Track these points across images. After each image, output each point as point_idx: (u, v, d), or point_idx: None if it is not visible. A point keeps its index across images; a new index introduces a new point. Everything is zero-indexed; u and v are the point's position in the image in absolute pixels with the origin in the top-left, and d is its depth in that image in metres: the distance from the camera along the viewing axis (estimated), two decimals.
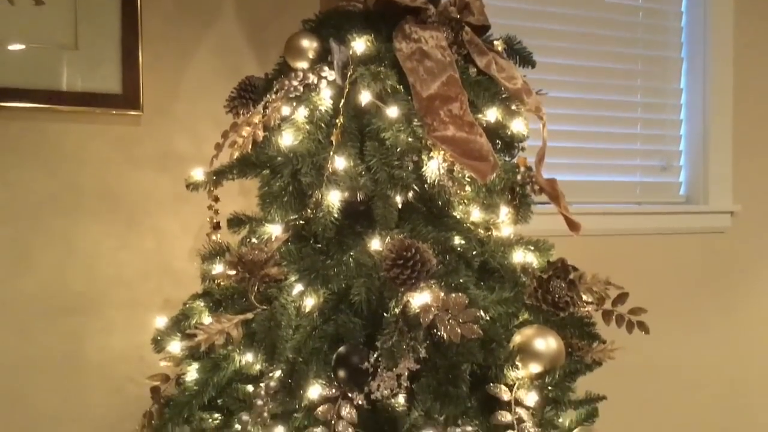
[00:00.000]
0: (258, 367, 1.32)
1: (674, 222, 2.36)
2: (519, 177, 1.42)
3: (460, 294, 1.18)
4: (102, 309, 1.72)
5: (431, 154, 1.30)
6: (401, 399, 1.29)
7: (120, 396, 1.73)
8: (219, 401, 1.40)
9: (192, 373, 1.38)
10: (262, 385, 1.22)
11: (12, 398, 1.66)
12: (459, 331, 1.14)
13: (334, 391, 1.23)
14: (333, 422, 1.21)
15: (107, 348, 1.73)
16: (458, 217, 1.41)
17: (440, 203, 1.39)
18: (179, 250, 1.78)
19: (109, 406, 1.73)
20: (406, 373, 1.19)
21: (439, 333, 1.20)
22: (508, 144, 1.47)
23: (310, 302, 1.30)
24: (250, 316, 1.24)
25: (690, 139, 2.43)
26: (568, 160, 2.26)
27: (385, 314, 1.25)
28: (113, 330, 1.73)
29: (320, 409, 1.21)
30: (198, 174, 1.45)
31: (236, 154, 1.35)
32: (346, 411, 1.22)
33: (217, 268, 1.38)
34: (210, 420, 1.44)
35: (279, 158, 1.32)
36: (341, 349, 1.23)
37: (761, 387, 2.50)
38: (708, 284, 2.42)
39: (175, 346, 1.39)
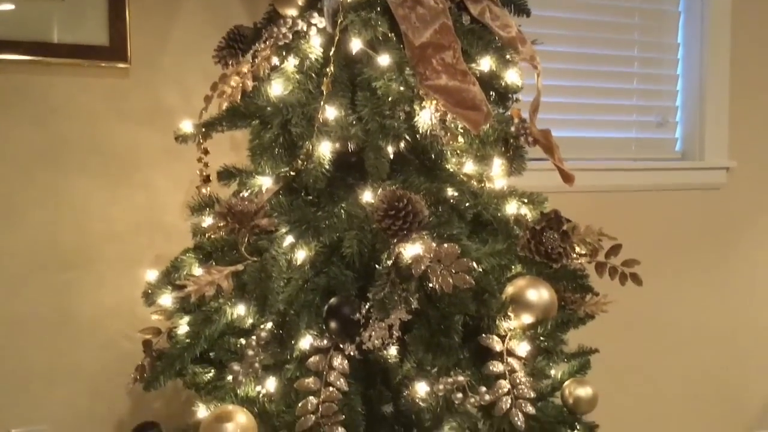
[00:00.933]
0: (250, 321, 1.32)
1: (670, 178, 2.34)
2: (513, 128, 1.40)
3: (452, 244, 1.17)
4: (93, 264, 1.71)
5: (423, 103, 1.28)
6: (393, 351, 1.29)
7: (112, 351, 1.73)
8: (211, 354, 1.40)
9: (183, 326, 1.37)
10: (253, 335, 1.21)
11: (4, 353, 1.65)
12: (451, 281, 1.14)
13: (325, 342, 1.23)
14: (325, 373, 1.21)
15: (99, 303, 1.72)
16: (451, 169, 1.40)
17: (433, 155, 1.38)
18: (170, 205, 1.76)
19: (101, 361, 1.73)
20: (398, 324, 1.18)
21: (431, 284, 1.19)
22: (502, 95, 1.45)
23: (301, 255, 1.29)
24: (240, 267, 1.23)
25: (686, 94, 2.40)
26: (562, 116, 2.23)
27: (377, 266, 1.24)
28: (104, 285, 1.72)
29: (312, 359, 1.21)
30: (187, 126, 1.43)
31: (225, 105, 1.33)
32: (338, 362, 1.21)
33: (207, 220, 1.37)
34: (202, 373, 1.45)
35: (269, 108, 1.30)
36: (332, 300, 1.23)
37: (754, 341, 2.52)
38: (703, 240, 2.42)
39: (166, 300, 1.39)
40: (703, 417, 2.46)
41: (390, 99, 1.26)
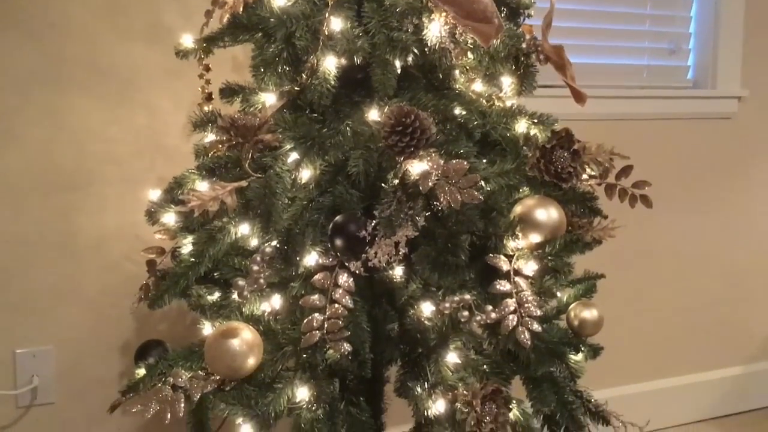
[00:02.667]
0: (254, 242, 1.30)
1: (681, 107, 2.29)
2: (524, 45, 1.35)
3: (460, 160, 1.14)
4: (94, 186, 1.69)
5: (432, 15, 1.23)
6: (399, 271, 1.28)
7: (116, 274, 1.72)
8: (216, 275, 1.39)
9: (187, 245, 1.36)
10: (258, 252, 1.20)
11: (8, 276, 1.65)
12: (459, 197, 1.11)
13: (331, 260, 1.22)
14: (330, 290, 1.20)
15: (101, 226, 1.71)
16: (459, 87, 1.36)
17: (441, 73, 1.34)
18: (172, 126, 1.73)
19: (105, 284, 1.72)
20: (404, 241, 1.16)
21: (438, 202, 1.17)
22: (513, 11, 1.40)
23: (306, 174, 1.27)
24: (244, 184, 1.21)
25: (700, 20, 2.33)
26: (573, 41, 2.17)
27: (383, 185, 1.22)
28: (106, 208, 1.71)
29: (317, 277, 1.20)
30: (187, 41, 1.39)
31: (227, 17, 1.28)
32: (344, 279, 1.20)
33: (210, 137, 1.34)
34: (207, 294, 1.44)
35: (272, 20, 1.25)
36: (338, 217, 1.21)
37: (759, 274, 2.51)
38: (712, 171, 2.39)
39: (169, 218, 1.37)
40: (704, 348, 2.47)
41: (398, 10, 1.22)
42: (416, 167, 1.15)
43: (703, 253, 2.43)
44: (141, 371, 1.34)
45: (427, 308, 1.25)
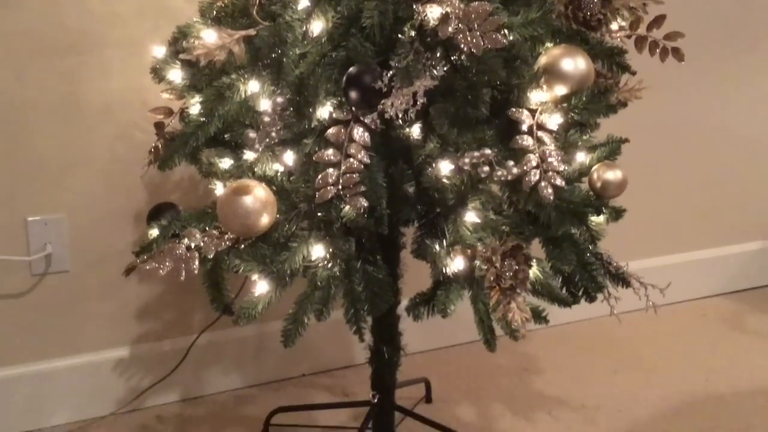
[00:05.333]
0: (265, 103, 1.25)
1: None
2: None
3: (482, 2, 1.06)
4: (98, 48, 1.62)
5: None
6: (416, 129, 1.23)
7: (125, 141, 1.68)
8: (226, 137, 1.34)
9: (196, 105, 1.30)
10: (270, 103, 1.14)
11: (15, 141, 1.61)
12: (482, 41, 1.04)
13: (345, 114, 1.17)
14: (345, 145, 1.15)
15: (107, 91, 1.65)
16: None
17: None
18: None
19: (114, 152, 1.68)
20: (422, 91, 1.10)
21: (458, 51, 1.11)
22: None
23: (317, 26, 1.20)
24: (252, 32, 1.14)
25: None
26: None
27: (400, 37, 1.15)
28: (111, 72, 1.65)
29: (331, 131, 1.15)
30: None
31: None
32: (359, 133, 1.15)
33: None
34: (218, 161, 1.40)
35: None
36: (352, 68, 1.14)
37: None
38: (742, 39, 2.28)
39: (176, 75, 1.31)
40: (724, 223, 2.45)
41: None
42: (435, 11, 1.08)
43: (726, 126, 2.36)
44: (154, 232, 1.32)
45: (445, 167, 1.20)
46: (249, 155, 1.25)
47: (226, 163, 1.37)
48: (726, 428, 1.74)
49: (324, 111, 1.16)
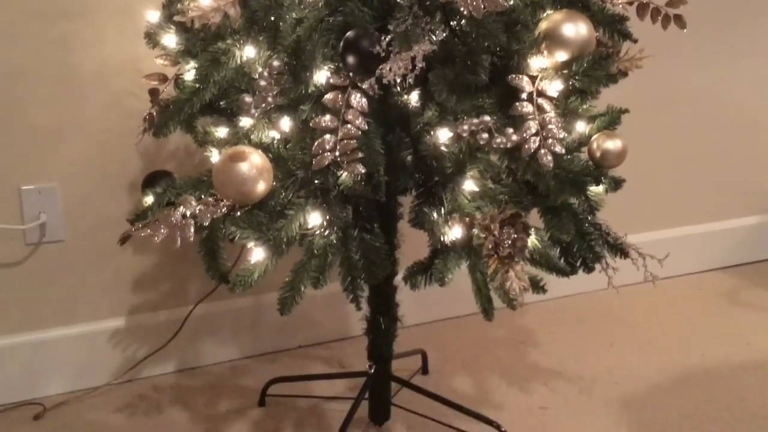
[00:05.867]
0: (261, 69, 1.23)
1: None
2: None
3: None
4: (91, 14, 1.60)
5: None
6: (415, 96, 1.22)
7: (119, 109, 1.66)
8: (222, 104, 1.32)
9: (191, 71, 1.28)
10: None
11: (7, 111, 1.59)
12: (482, 4, 1.03)
13: (342, 79, 1.15)
14: (342, 111, 1.13)
15: (101, 59, 1.63)
16: None
17: None
18: None
19: (108, 121, 1.67)
20: (421, 56, 1.09)
21: (458, 15, 1.09)
22: None
23: None
24: None
25: None
26: None
27: (398, 0, 1.13)
28: (106, 39, 1.62)
29: (328, 96, 1.13)
30: None
31: None
32: (356, 100, 1.14)
33: None
34: (213, 129, 1.38)
35: None
36: (350, 33, 1.12)
37: None
38: (745, 9, 2.26)
39: (170, 40, 1.29)
40: (720, 198, 2.44)
41: None
42: None
43: (727, 98, 2.34)
44: (149, 199, 1.30)
45: (443, 135, 1.19)
46: (245, 122, 1.23)
47: (221, 131, 1.36)
48: (721, 400, 1.74)
49: (321, 76, 1.14)
